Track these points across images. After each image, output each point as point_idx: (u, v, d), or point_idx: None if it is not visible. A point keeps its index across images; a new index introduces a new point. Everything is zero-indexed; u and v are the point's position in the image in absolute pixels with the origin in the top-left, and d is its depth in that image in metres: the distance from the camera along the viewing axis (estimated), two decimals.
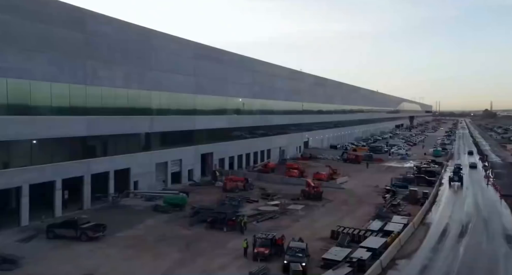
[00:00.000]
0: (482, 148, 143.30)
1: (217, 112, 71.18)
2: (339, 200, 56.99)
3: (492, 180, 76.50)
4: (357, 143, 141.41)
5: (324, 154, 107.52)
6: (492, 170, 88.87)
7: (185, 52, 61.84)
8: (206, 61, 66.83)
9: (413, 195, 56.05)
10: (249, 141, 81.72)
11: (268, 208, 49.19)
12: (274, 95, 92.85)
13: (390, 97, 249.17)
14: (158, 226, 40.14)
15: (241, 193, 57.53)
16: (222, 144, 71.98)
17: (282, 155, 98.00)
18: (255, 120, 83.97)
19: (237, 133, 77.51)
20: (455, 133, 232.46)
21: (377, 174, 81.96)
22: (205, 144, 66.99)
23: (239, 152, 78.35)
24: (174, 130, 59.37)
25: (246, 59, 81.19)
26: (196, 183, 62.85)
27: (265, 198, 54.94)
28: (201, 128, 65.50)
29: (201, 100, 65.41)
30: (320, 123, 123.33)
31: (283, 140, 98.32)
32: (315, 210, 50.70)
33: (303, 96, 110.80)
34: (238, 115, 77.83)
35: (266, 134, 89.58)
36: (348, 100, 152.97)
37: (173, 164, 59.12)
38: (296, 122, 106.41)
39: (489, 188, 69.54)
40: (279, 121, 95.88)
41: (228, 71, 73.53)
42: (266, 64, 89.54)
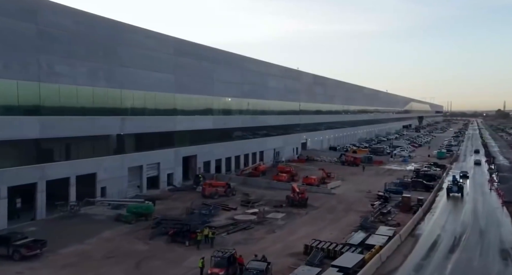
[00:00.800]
0: (491, 149, 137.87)
1: (202, 112, 67.39)
2: (326, 206, 52.88)
3: (496, 184, 71.77)
4: (359, 144, 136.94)
5: (322, 156, 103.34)
6: (497, 174, 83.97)
7: (164, 49, 58.04)
8: (188, 58, 63.07)
9: (406, 202, 51.72)
10: (239, 142, 77.82)
11: (244, 217, 45.23)
12: (267, 95, 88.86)
13: (397, 97, 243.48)
14: (113, 239, 36.22)
15: (221, 199, 53.72)
16: (208, 146, 68.17)
17: (276, 157, 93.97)
18: (245, 121, 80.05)
19: (225, 134, 73.64)
20: (464, 134, 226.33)
21: (374, 178, 77.58)
22: (187, 146, 63.21)
23: (228, 154, 74.48)
24: (151, 132, 55.67)
25: (235, 56, 77.28)
26: (177, 187, 59.11)
27: (245, 205, 51.00)
28: (182, 129, 61.72)
29: (182, 100, 61.60)
30: (319, 124, 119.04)
31: (277, 141, 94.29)
32: (296, 218, 46.67)
33: (300, 96, 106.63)
34: (226, 116, 73.98)
35: (258, 136, 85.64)
36: (350, 100, 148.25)
37: (149, 167, 55.33)
38: (293, 123, 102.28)
39: (491, 194, 64.87)
40: (273, 121, 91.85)
41: (214, 69, 69.68)
42: (258, 62, 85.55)
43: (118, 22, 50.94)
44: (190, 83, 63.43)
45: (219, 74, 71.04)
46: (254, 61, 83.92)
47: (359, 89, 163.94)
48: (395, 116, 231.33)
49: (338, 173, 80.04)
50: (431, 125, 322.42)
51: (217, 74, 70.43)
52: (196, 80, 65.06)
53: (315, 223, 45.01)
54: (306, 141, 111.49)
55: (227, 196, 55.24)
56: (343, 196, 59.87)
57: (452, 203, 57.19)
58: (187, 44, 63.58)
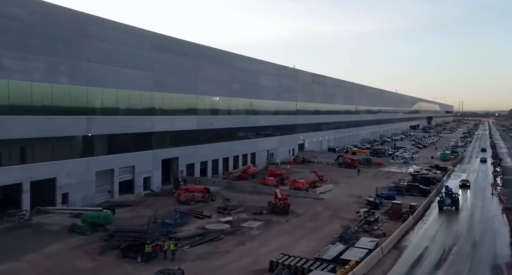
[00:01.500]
0: (499, 151, 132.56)
1: (185, 112, 63.84)
2: (310, 213, 49.03)
3: (500, 188, 67.24)
4: (361, 145, 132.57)
5: (319, 158, 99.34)
6: (502, 177, 79.31)
7: (139, 44, 54.41)
8: (168, 54, 59.52)
9: (396, 209, 47.65)
10: (227, 143, 74.15)
11: (216, 227, 41.52)
12: (260, 94, 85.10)
13: (404, 97, 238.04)
14: (58, 255, 32.31)
15: (198, 205, 50.13)
16: (192, 148, 64.64)
17: (270, 158, 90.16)
18: (235, 121, 76.38)
19: (212, 135, 70.02)
20: (473, 134, 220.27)
21: (370, 181, 73.45)
22: (168, 148, 59.72)
23: (215, 156, 70.85)
24: (125, 133, 52.26)
25: (222, 53, 73.62)
26: (154, 192, 55.63)
27: (222, 212, 47.29)
28: (162, 130, 58.26)
29: (161, 99, 58.10)
30: (318, 124, 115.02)
31: (271, 142, 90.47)
32: (274, 227, 42.89)
33: (297, 95, 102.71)
34: (212, 116, 70.37)
35: (250, 137, 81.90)
36: (352, 100, 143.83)
37: (122, 171, 51.88)
38: (288, 123, 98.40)
39: (493, 199, 60.43)
40: (267, 122, 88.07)
41: (199, 66, 66.11)
42: (248, 60, 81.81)
43: (83, 14, 47.14)
44: (170, 81, 59.93)
45: (204, 72, 67.48)
46: (244, 59, 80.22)
47: (362, 88, 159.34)
48: (401, 117, 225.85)
49: (333, 175, 76.14)
50: (440, 125, 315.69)
51: (202, 72, 66.87)
52: (178, 78, 61.57)
53: (294, 232, 41.18)
54: (304, 142, 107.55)
55: (205, 201, 51.64)
56: (331, 201, 55.99)
57: (448, 210, 52.96)
58: (166, 39, 60.00)
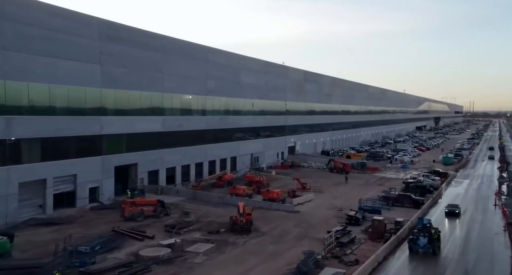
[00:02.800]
0: (507, 154, 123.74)
1: (147, 112, 56.66)
2: (277, 232, 41.60)
3: (504, 198, 59.26)
4: (360, 147, 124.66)
5: (310, 161, 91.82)
6: (508, 184, 71.16)
7: (82, 31, 46.56)
8: (124, 45, 52.18)
9: (377, 226, 40.04)
10: (201, 147, 66.86)
11: (153, 252, 34.17)
12: (241, 93, 77.79)
13: (409, 97, 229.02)
14: None
15: (147, 221, 42.92)
16: (155, 152, 57.49)
17: (255, 163, 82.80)
18: (210, 123, 69.10)
19: (182, 138, 62.77)
20: (481, 136, 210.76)
21: (359, 189, 65.76)
22: (123, 153, 52.55)
23: (185, 162, 63.56)
24: (64, 136, 44.96)
25: (194, 46, 66.25)
26: (103, 205, 48.38)
27: (170, 230, 39.95)
28: (114, 132, 51.08)
29: (114, 97, 50.91)
30: (312, 126, 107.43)
31: (256, 145, 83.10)
32: (226, 252, 35.51)
33: (287, 94, 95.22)
34: (182, 116, 63.14)
35: (229, 139, 74.55)
36: (351, 100, 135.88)
37: (59, 181, 44.29)
38: (277, 124, 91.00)
39: (496, 211, 52.52)
40: (250, 123, 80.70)
41: (164, 60, 58.88)
42: (227, 55, 74.46)
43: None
44: (126, 76, 52.67)
45: (171, 67, 60.26)
46: (221, 53, 72.85)
47: (363, 87, 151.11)
48: (407, 117, 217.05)
49: (321, 182, 68.76)
50: (449, 126, 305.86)
51: (168, 66, 59.64)
52: (136, 74, 54.35)
53: (246, 260, 33.75)
54: (295, 145, 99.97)
55: (157, 216, 44.37)
56: (307, 215, 48.53)
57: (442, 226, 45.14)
58: (119, 28, 52.49)
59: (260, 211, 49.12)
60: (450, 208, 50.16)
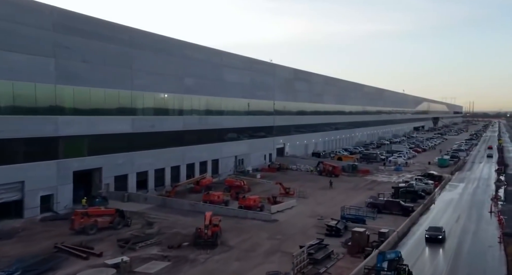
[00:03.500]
0: (506, 155, 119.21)
1: (114, 111, 52.19)
2: (246, 245, 37.12)
3: (501, 204, 54.80)
4: (354, 149, 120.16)
5: (299, 164, 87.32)
6: (505, 188, 66.67)
7: (32, 21, 41.96)
8: (84, 38, 47.35)
9: (357, 239, 35.50)
10: (178, 149, 62.38)
11: (95, 274, 29.61)
12: (224, 91, 73.32)
13: (407, 97, 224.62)
14: None
15: (101, 234, 38.37)
16: (123, 156, 52.99)
17: (240, 165, 78.31)
18: (189, 123, 64.62)
19: (156, 140, 58.31)
20: (480, 136, 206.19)
21: (347, 194, 61.42)
22: (83, 156, 48.01)
23: (159, 165, 59.03)
24: (8, 138, 40.11)
25: (169, 41, 61.73)
26: (58, 215, 43.66)
27: (123, 246, 35.36)
28: (73, 134, 46.49)
29: (72, 94, 46.28)
30: (302, 126, 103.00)
31: (241, 147, 78.62)
32: (182, 271, 31.03)
33: (275, 94, 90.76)
34: (155, 116, 58.66)
35: (211, 141, 70.06)
36: (345, 99, 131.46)
37: (2, 190, 39.38)
38: (264, 125, 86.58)
39: (491, 219, 48.00)
40: (234, 123, 76.23)
41: (134, 56, 54.42)
42: (207, 50, 69.96)
43: None
44: (88, 72, 47.88)
45: (142, 63, 55.80)
46: (200, 49, 68.34)
47: (358, 87, 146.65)
48: (404, 118, 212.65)
49: (307, 186, 64.56)
50: (447, 127, 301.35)
51: (139, 62, 55.18)
52: (100, 69, 49.70)
53: None
54: (284, 146, 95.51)
55: (114, 228, 39.80)
56: (285, 225, 44.07)
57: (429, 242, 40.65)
58: (79, 19, 47.48)
59: (234, 220, 44.78)
60: (431, 232, 39.08)
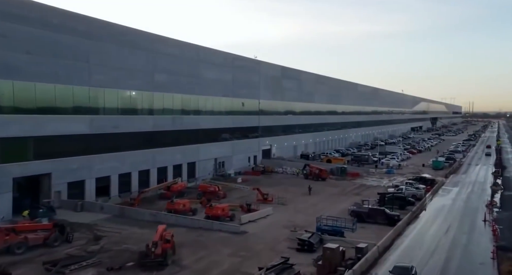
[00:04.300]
0: (504, 156, 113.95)
1: (66, 110, 46.89)
2: (202, 264, 31.93)
3: (496, 211, 49.56)
4: (346, 150, 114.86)
5: (285, 166, 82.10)
6: (502, 192, 61.44)
7: None
8: (28, 26, 41.99)
9: (329, 257, 30.14)
10: (147, 152, 57.20)
11: None
12: (202, 89, 68.11)
13: (404, 97, 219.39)
14: None
15: (33, 253, 33.03)
16: (79, 159, 47.73)
17: (220, 169, 73.07)
18: (160, 123, 59.38)
19: (120, 142, 53.11)
20: (479, 137, 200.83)
21: (331, 200, 56.35)
22: (28, 161, 42.68)
23: (124, 170, 53.75)
24: None
25: (136, 33, 56.35)
26: None
27: (50, 268, 29.87)
28: (12, 135, 41.08)
29: (10, 90, 40.86)
30: (291, 127, 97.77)
31: (222, 149, 73.41)
32: None
33: (261, 92, 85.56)
34: (119, 116, 53.37)
35: (187, 142, 64.84)
36: (338, 99, 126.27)
37: None
38: (248, 125, 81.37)
39: (485, 229, 42.70)
40: (214, 123, 71.01)
41: (92, 48, 49.13)
42: (181, 45, 64.67)
43: None
44: (32, 65, 42.37)
45: (103, 57, 50.59)
46: (173, 43, 63.06)
47: (351, 86, 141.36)
48: (401, 118, 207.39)
49: (290, 191, 59.92)
50: (446, 127, 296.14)
51: (98, 56, 49.92)
52: (48, 62, 44.21)
53: None
54: (271, 147, 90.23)
55: (50, 246, 34.33)
56: (254, 238, 38.85)
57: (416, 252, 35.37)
58: (19, 4, 41.67)
59: (197, 233, 39.67)
60: (397, 272, 28.42)
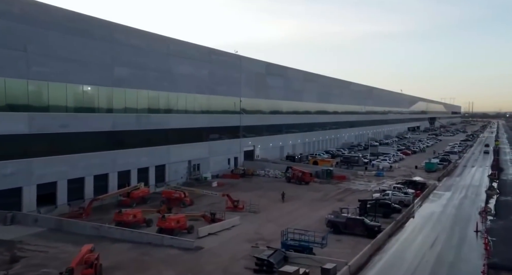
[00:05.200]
0: (502, 157, 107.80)
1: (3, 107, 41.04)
2: None
3: (490, 219, 43.66)
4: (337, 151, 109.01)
5: (268, 169, 76.20)
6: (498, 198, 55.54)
7: None
8: None
9: None
10: (104, 154, 51.24)
11: None
12: (173, 86, 62.28)
13: (402, 96, 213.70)
14: None
15: None
16: (13, 163, 41.59)
17: (195, 172, 67.13)
18: (121, 122, 53.41)
19: (72, 142, 47.18)
20: (477, 137, 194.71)
21: (310, 206, 50.63)
22: None
23: (74, 174, 47.57)
24: None
25: (89, 21, 50.19)
26: None
27: None
28: None
29: None
30: (277, 126, 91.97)
31: (197, 150, 67.48)
32: None
33: (242, 90, 79.66)
34: (68, 114, 47.30)
35: (155, 143, 58.95)
36: (329, 98, 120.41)
37: None
38: (227, 124, 75.57)
39: (477, 242, 36.74)
40: (187, 123, 65.20)
41: (31, 35, 43.02)
42: (148, 36, 58.54)
43: None
44: None
45: (46, 46, 44.52)
46: (139, 34, 56.97)
47: (344, 84, 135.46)
48: (398, 118, 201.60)
49: (268, 197, 54.21)
50: (445, 127, 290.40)
51: (40, 44, 43.87)
52: None
53: None
54: (254, 148, 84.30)
55: None
56: (208, 256, 32.94)
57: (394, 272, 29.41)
58: None
59: (143, 250, 33.81)
60: None
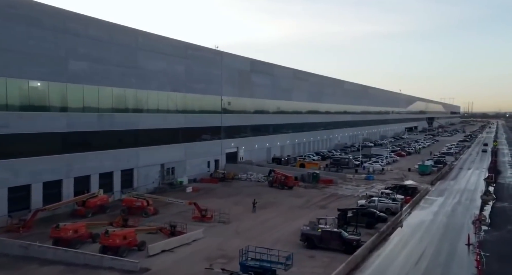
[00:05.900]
0: (500, 159, 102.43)
1: None
2: None
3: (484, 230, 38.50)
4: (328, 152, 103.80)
5: (251, 172, 71.04)
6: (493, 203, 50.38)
7: None
8: None
9: None
10: (56, 158, 45.72)
11: None
12: (144, 83, 56.98)
13: (399, 96, 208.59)
14: None
15: None
16: None
17: (170, 176, 61.88)
18: (78, 122, 47.99)
19: (13, 145, 41.84)
20: (475, 137, 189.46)
21: (288, 215, 45.57)
22: None
23: (18, 181, 41.87)
24: None
25: (33, 6, 44.55)
26: None
27: None
28: None
29: None
30: (263, 127, 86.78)
31: (171, 153, 62.17)
32: None
33: (224, 88, 74.37)
34: (8, 112, 41.77)
35: (122, 145, 53.67)
36: (321, 97, 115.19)
37: None
38: (207, 125, 70.32)
39: (469, 257, 31.58)
40: (159, 123, 59.90)
41: None
42: (111, 27, 53.17)
43: None
44: None
45: None
46: (99, 25, 51.55)
47: (337, 83, 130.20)
48: (395, 118, 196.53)
49: (243, 203, 49.26)
50: (443, 127, 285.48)
51: None
52: None
53: None
54: (238, 150, 79.05)
55: None
56: None
57: None
58: None
59: (78, 273, 28.36)
60: None
